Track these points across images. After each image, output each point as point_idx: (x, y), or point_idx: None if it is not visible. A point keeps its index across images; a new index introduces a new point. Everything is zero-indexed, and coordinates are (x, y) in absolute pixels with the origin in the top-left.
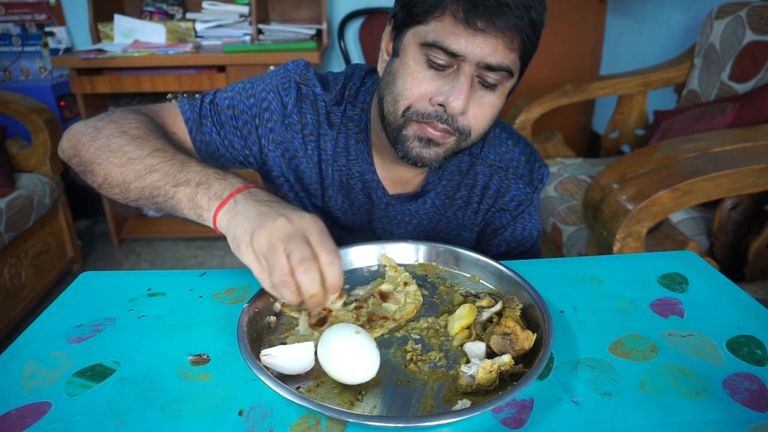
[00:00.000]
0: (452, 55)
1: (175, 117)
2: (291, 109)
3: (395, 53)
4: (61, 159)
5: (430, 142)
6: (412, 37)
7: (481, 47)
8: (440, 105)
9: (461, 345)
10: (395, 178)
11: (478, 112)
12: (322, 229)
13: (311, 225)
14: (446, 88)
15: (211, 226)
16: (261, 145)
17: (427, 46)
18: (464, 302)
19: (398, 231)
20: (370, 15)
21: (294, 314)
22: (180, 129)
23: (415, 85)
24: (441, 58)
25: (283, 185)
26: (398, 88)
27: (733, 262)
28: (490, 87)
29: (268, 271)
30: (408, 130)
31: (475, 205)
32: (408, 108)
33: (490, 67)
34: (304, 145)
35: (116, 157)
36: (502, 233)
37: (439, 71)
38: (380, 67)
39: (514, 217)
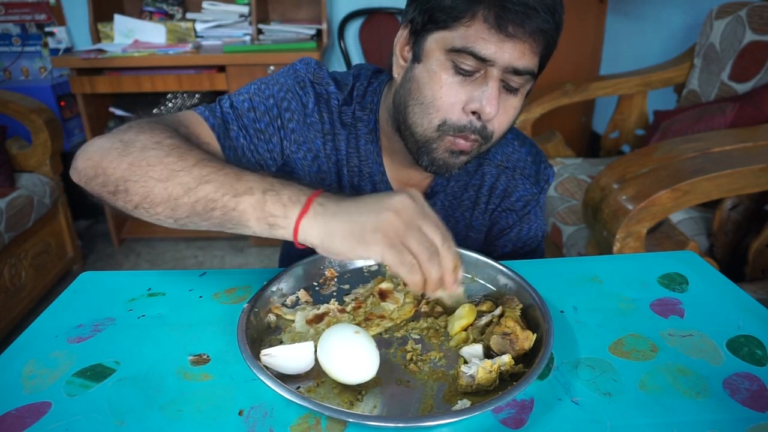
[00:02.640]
0: (481, 60)
1: (199, 125)
2: (312, 108)
3: (416, 59)
4: (76, 182)
5: (460, 153)
6: (436, 42)
7: (510, 52)
8: (473, 112)
9: (457, 346)
10: (404, 180)
11: (503, 116)
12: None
13: (424, 204)
14: (476, 94)
15: (288, 235)
16: (283, 146)
17: (455, 52)
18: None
19: None
20: (370, 15)
21: (289, 317)
22: (207, 137)
23: (445, 93)
24: (469, 64)
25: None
26: (428, 98)
27: (733, 262)
28: (512, 91)
29: (406, 252)
30: (440, 144)
31: (483, 205)
32: (443, 122)
33: (516, 71)
34: (324, 145)
35: (156, 171)
36: (507, 234)
37: (466, 77)
38: (396, 73)
39: (520, 218)
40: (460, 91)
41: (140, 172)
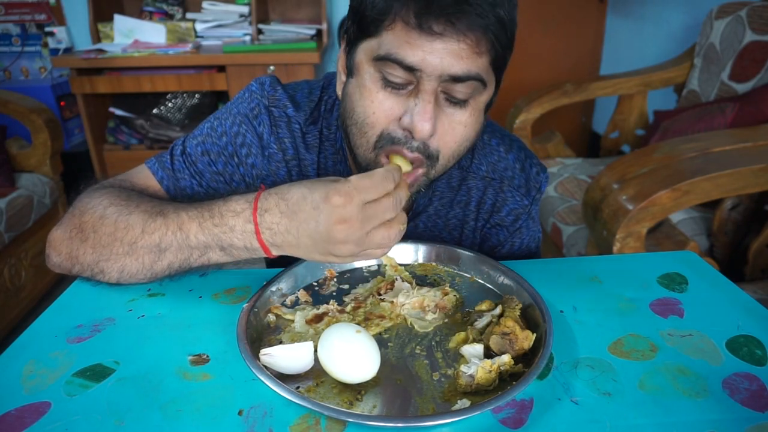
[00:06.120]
0: (409, 69)
1: (147, 179)
2: (268, 138)
3: (350, 74)
4: (58, 272)
5: None
6: (364, 53)
7: (441, 56)
8: (406, 129)
9: (457, 346)
10: None
11: (448, 134)
12: None
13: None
14: (411, 105)
15: (255, 242)
16: (246, 183)
17: (381, 60)
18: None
19: None
20: None
21: (289, 317)
22: (156, 191)
23: (377, 108)
24: (397, 75)
25: None
26: (360, 117)
27: (733, 262)
28: (459, 103)
29: (366, 221)
30: (381, 164)
31: (472, 222)
32: (380, 138)
33: (456, 78)
34: (289, 173)
35: (116, 248)
36: (499, 251)
37: (398, 89)
38: (339, 90)
39: (511, 233)
40: (394, 105)
41: (106, 252)
